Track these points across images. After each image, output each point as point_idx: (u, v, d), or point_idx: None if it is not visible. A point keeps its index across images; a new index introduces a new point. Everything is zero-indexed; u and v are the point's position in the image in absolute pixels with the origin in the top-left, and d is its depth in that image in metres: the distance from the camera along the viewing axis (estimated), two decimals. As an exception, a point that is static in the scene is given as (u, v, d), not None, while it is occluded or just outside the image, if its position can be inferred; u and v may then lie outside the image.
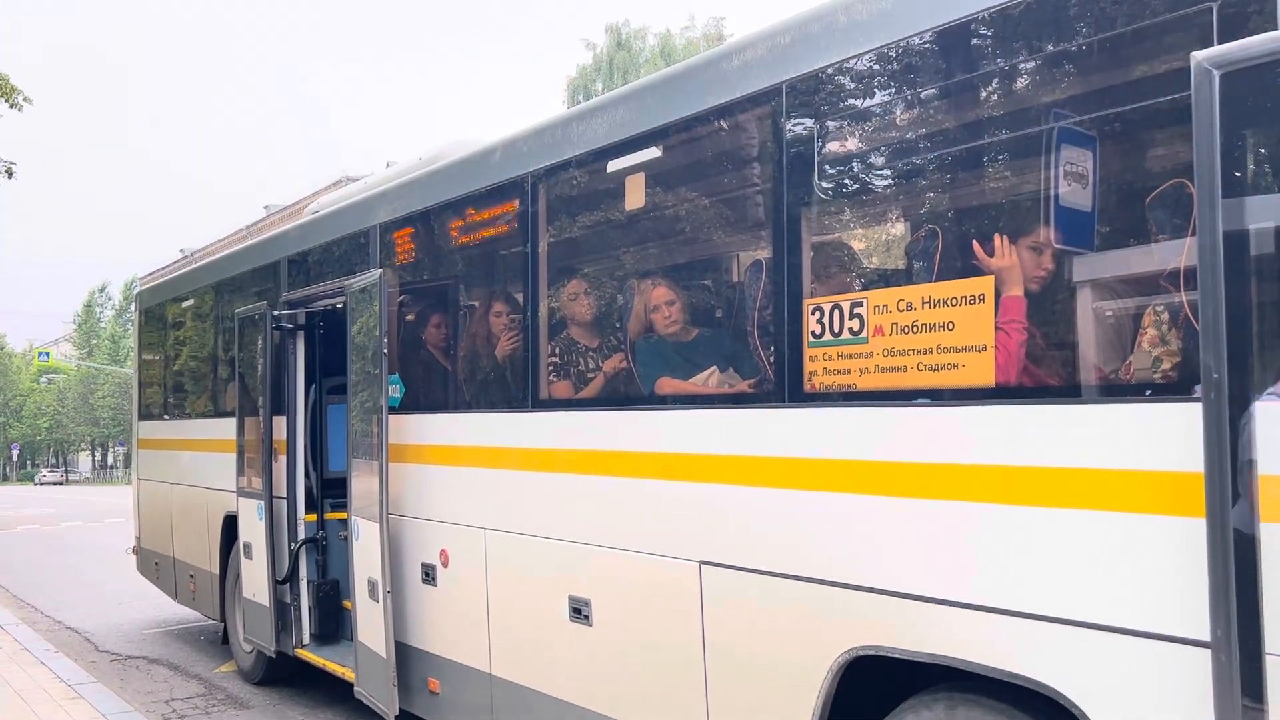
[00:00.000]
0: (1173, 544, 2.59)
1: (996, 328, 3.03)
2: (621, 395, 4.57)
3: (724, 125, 4.08)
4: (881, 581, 3.28)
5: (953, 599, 3.08)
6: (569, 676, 4.69)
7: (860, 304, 3.42)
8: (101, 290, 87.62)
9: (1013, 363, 3.02)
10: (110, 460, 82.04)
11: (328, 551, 7.42)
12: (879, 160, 3.57)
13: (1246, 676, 2.35)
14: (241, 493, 7.80)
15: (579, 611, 4.56)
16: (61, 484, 70.30)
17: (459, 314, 5.85)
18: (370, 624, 5.98)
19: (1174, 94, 2.64)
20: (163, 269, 46.34)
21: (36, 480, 73.51)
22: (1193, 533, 2.50)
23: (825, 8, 3.62)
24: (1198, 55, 2.47)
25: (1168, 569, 2.60)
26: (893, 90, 3.47)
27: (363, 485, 6.14)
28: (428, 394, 6.01)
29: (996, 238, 3.08)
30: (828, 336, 3.50)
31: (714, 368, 4.13)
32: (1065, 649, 2.81)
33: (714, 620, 3.91)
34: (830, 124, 3.66)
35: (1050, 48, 3.02)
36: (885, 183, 3.58)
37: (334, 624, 7.33)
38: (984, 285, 3.07)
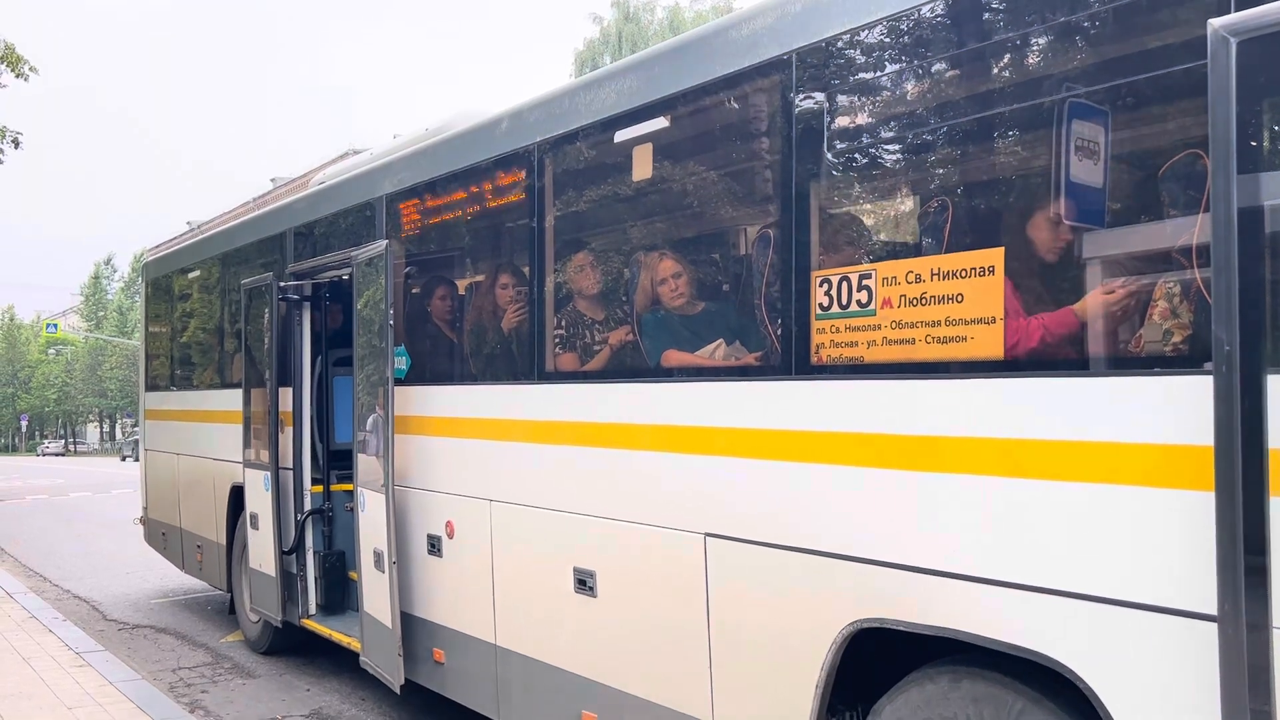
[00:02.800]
0: (1181, 518, 2.57)
1: (1006, 300, 3.01)
2: (628, 368, 4.56)
3: (733, 95, 4.04)
4: (887, 554, 3.28)
5: (958, 572, 3.07)
6: (573, 647, 4.71)
7: (869, 276, 3.39)
8: (108, 262, 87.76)
9: (1022, 335, 2.99)
10: (117, 432, 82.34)
11: (334, 523, 7.45)
12: (889, 131, 3.54)
13: (1253, 650, 2.35)
14: (248, 464, 7.82)
15: (584, 583, 4.57)
16: (63, 455, 70.12)
17: (465, 286, 5.83)
18: (376, 595, 6.01)
19: (1190, 63, 2.60)
20: (170, 241, 46.35)
21: (39, 451, 73.58)
22: (1201, 506, 2.49)
23: (836, -24, 3.57)
24: (1214, 22, 2.43)
25: (1175, 542, 2.59)
26: (903, 60, 3.43)
27: (368, 457, 6.15)
28: (434, 366, 6.00)
29: (1007, 210, 3.05)
30: (835, 309, 3.48)
31: (721, 340, 4.12)
32: (1070, 622, 2.80)
33: (718, 592, 3.91)
34: (840, 94, 3.62)
35: (1064, 16, 2.98)
36: (895, 154, 3.54)
37: (340, 595, 7.37)
38: (994, 257, 3.04)
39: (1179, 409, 2.59)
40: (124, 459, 52.65)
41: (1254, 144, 2.39)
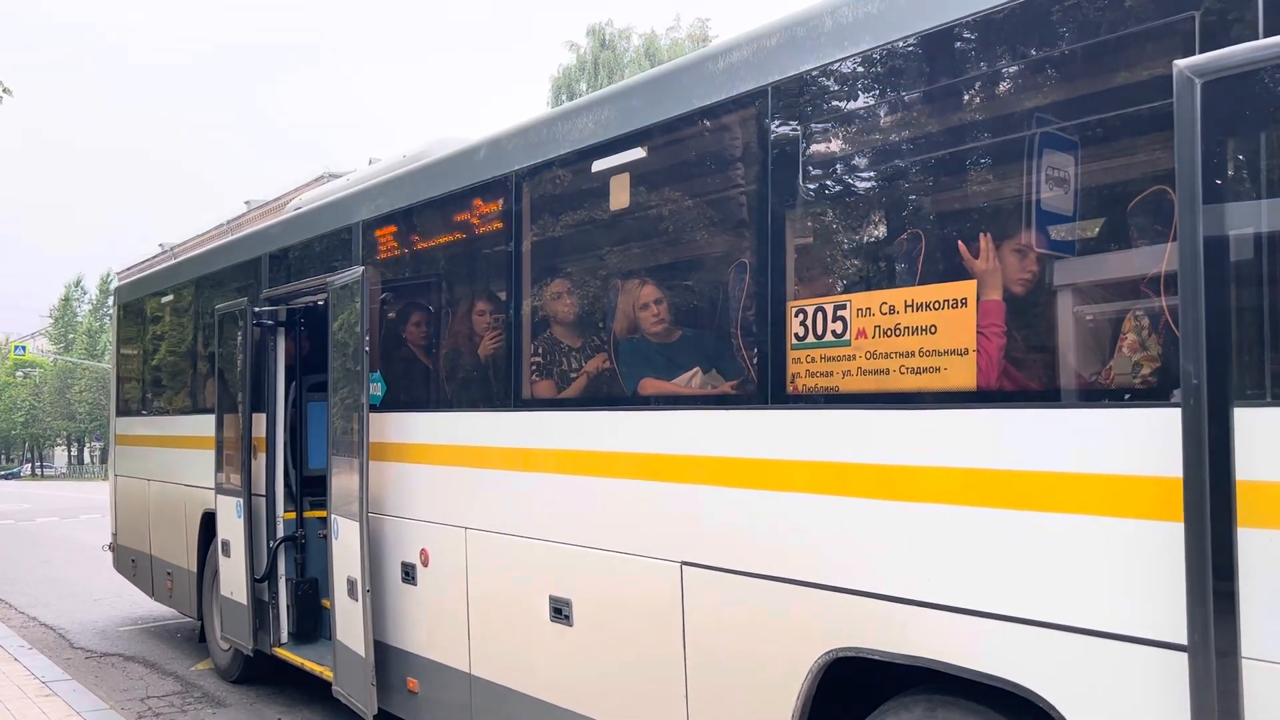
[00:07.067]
0: (1151, 548, 2.61)
1: (978, 331, 3.05)
2: (604, 395, 4.57)
3: (709, 126, 4.08)
4: (861, 583, 3.29)
5: (932, 601, 3.09)
6: (549, 677, 4.68)
7: (843, 306, 3.43)
8: (78, 284, 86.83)
9: (994, 366, 3.03)
10: (86, 456, 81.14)
11: (306, 550, 7.39)
12: (863, 163, 3.59)
13: (1222, 680, 2.38)
14: (220, 490, 7.75)
15: (559, 611, 4.56)
16: None
17: (441, 312, 5.83)
18: (349, 623, 5.96)
19: (1156, 101, 2.66)
20: (142, 264, 46.02)
21: None
22: (1171, 537, 2.53)
23: (812, 11, 3.63)
24: (1180, 64, 2.49)
25: (1146, 573, 2.62)
26: (877, 94, 3.48)
27: (342, 483, 6.11)
28: (409, 392, 5.99)
29: (979, 242, 3.10)
30: (810, 339, 3.51)
31: (697, 368, 4.14)
32: (1044, 651, 2.83)
33: (694, 621, 3.91)
34: (815, 126, 3.67)
35: (1034, 54, 3.04)
36: (869, 185, 3.59)
37: (312, 623, 7.29)
38: (966, 289, 3.09)
39: (1148, 441, 2.62)
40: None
41: (1218, 179, 2.45)
